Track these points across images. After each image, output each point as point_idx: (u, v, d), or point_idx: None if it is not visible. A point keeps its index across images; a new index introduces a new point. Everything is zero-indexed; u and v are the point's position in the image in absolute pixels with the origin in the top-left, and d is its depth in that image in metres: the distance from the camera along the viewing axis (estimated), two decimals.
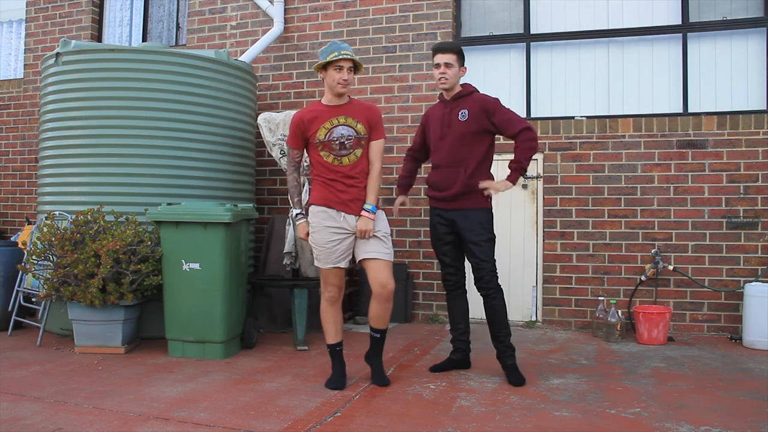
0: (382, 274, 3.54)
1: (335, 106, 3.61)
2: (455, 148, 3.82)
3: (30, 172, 7.35)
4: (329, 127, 3.55)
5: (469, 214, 3.80)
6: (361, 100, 3.80)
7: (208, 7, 6.78)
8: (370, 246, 3.57)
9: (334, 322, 3.69)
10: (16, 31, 7.85)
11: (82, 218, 4.51)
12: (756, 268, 5.23)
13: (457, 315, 4.03)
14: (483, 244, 3.77)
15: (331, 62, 3.50)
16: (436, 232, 3.96)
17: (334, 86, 3.54)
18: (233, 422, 3.03)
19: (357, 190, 3.58)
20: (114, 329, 4.42)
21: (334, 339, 3.70)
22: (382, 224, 3.64)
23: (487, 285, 3.76)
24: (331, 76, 3.53)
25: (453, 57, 3.80)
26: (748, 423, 3.07)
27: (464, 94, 3.87)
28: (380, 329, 3.70)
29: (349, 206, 3.56)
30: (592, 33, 5.83)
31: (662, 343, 4.94)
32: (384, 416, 3.13)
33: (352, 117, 3.59)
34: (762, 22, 5.45)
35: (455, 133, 3.82)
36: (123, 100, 4.94)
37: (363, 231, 3.53)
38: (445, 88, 3.86)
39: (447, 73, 3.80)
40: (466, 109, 3.81)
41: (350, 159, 3.57)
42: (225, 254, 4.30)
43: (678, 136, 5.45)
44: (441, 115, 3.89)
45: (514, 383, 3.70)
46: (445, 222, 3.88)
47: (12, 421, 3.00)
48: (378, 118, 3.68)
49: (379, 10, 6.20)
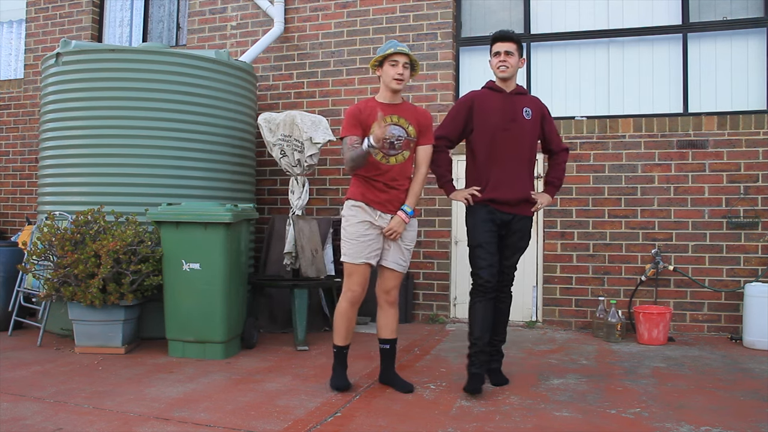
0: (390, 282, 3.58)
1: (390, 104, 3.56)
2: (521, 146, 3.64)
3: (30, 172, 7.35)
4: (383, 124, 3.44)
5: (525, 220, 3.70)
6: (415, 105, 3.76)
7: (208, 7, 6.78)
8: (392, 255, 3.55)
9: (348, 323, 3.57)
10: (17, 31, 7.85)
11: (83, 218, 4.51)
12: (756, 268, 5.23)
13: (491, 320, 3.65)
14: (523, 252, 3.75)
15: (387, 57, 3.48)
16: (486, 229, 3.61)
17: (389, 82, 3.50)
18: (233, 422, 3.03)
19: (397, 193, 3.54)
20: (114, 329, 4.42)
21: (344, 341, 3.59)
22: (412, 234, 3.62)
23: (507, 290, 3.75)
24: (386, 72, 3.50)
25: (514, 46, 3.63)
26: (748, 423, 3.07)
27: (523, 92, 3.74)
28: (389, 339, 3.61)
29: (386, 206, 3.53)
30: (592, 33, 5.84)
31: (662, 344, 4.94)
32: (384, 416, 3.13)
33: (405, 118, 3.55)
34: (762, 22, 5.45)
35: (522, 129, 3.64)
36: (123, 100, 4.94)
37: (393, 231, 3.49)
38: (504, 77, 3.63)
39: (507, 61, 3.61)
40: (529, 107, 3.68)
41: (398, 159, 3.53)
42: (225, 254, 4.30)
43: (678, 136, 5.45)
44: (502, 106, 3.63)
45: (495, 383, 3.71)
46: (497, 221, 3.62)
47: (12, 421, 3.00)
48: (430, 123, 3.64)
49: (379, 10, 6.20)
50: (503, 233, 3.66)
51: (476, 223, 3.65)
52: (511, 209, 3.64)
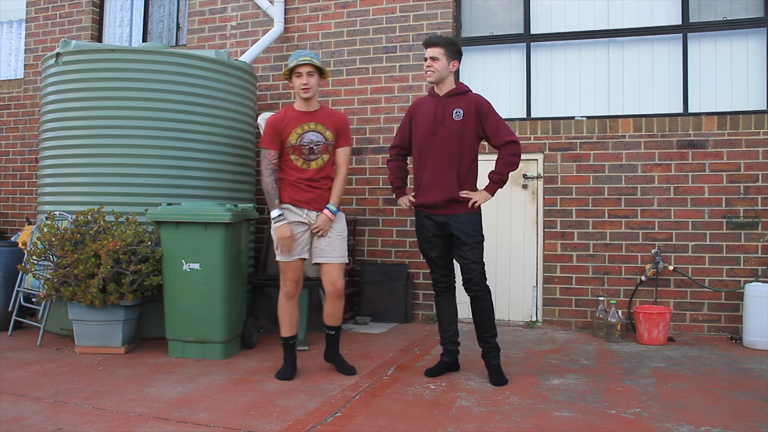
0: (333, 274, 3.83)
1: (306, 112, 3.84)
2: (448, 148, 3.72)
3: (30, 172, 7.35)
4: (300, 132, 3.79)
5: (461, 217, 3.74)
6: (331, 108, 4.06)
7: (208, 7, 6.78)
8: (325, 250, 3.83)
9: (290, 316, 3.90)
10: (17, 32, 7.85)
11: (83, 218, 4.51)
12: (756, 268, 5.23)
13: (448, 317, 3.95)
14: (475, 246, 3.74)
15: (292, 70, 3.76)
16: (425, 234, 3.87)
17: (298, 92, 3.79)
18: (233, 422, 3.03)
19: (320, 191, 3.85)
20: (114, 329, 4.42)
21: (288, 332, 3.91)
22: (340, 225, 3.88)
23: (477, 286, 3.73)
24: (294, 84, 3.79)
25: (440, 50, 3.72)
26: (748, 423, 3.07)
27: (458, 92, 3.78)
28: (334, 326, 3.95)
29: (312, 204, 3.84)
30: (592, 33, 5.84)
31: (662, 344, 4.94)
32: (384, 416, 3.13)
33: (322, 124, 3.83)
34: (762, 22, 5.45)
35: (449, 131, 3.72)
36: (123, 100, 4.94)
37: (320, 228, 3.80)
38: (431, 81, 3.79)
39: (432, 66, 3.73)
40: (461, 108, 3.73)
41: (317, 163, 3.84)
42: (225, 254, 4.30)
43: (678, 136, 5.45)
44: (433, 110, 3.76)
45: (495, 383, 3.70)
46: (434, 224, 3.81)
47: (12, 421, 3.00)
48: (346, 125, 3.93)
49: (379, 10, 6.20)
50: (447, 233, 3.79)
51: (417, 229, 3.96)
52: (441, 211, 3.77)
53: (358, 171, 6.21)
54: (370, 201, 6.18)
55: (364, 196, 6.20)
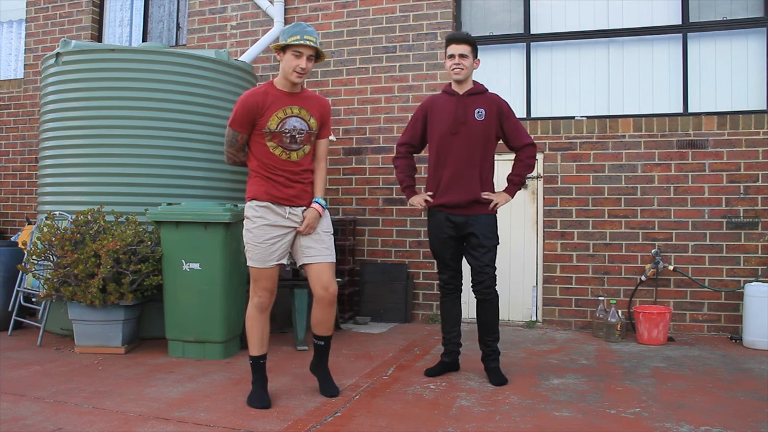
0: (324, 276, 3.29)
1: (289, 93, 3.28)
2: (471, 148, 3.68)
3: (30, 172, 7.35)
4: (282, 117, 3.23)
5: (481, 218, 3.72)
6: (313, 92, 3.49)
7: (208, 7, 6.78)
8: (312, 249, 3.30)
9: (261, 331, 3.33)
10: (16, 31, 7.85)
11: (82, 218, 4.51)
12: (756, 268, 5.23)
13: (453, 318, 3.93)
14: (492, 249, 3.73)
15: (291, 45, 3.15)
16: (439, 235, 3.79)
17: (289, 73, 3.20)
18: (233, 422, 3.03)
19: (303, 186, 3.33)
20: (114, 329, 4.42)
21: (258, 351, 3.33)
22: (326, 221, 3.40)
23: (487, 290, 3.73)
24: (287, 61, 3.18)
25: (468, 48, 3.68)
26: (748, 423, 3.07)
27: (478, 92, 3.76)
28: (324, 336, 3.43)
29: (294, 201, 3.30)
30: (592, 33, 5.84)
31: (662, 343, 4.94)
32: (384, 416, 3.13)
33: (306, 109, 3.29)
34: (762, 22, 5.45)
35: (472, 131, 3.68)
36: (123, 100, 4.94)
37: (310, 224, 3.28)
38: (459, 79, 3.71)
39: (462, 63, 3.67)
40: (482, 108, 3.70)
41: (299, 155, 3.30)
42: (225, 254, 4.30)
43: (678, 136, 5.45)
44: (453, 108, 3.71)
45: (495, 383, 3.71)
46: (452, 225, 3.75)
47: (12, 421, 3.00)
48: (330, 115, 3.46)
49: (379, 10, 6.20)
50: (464, 234, 3.74)
51: (430, 229, 3.87)
52: (462, 211, 3.72)
53: (358, 171, 6.21)
54: (370, 201, 6.18)
55: (364, 196, 6.20)
